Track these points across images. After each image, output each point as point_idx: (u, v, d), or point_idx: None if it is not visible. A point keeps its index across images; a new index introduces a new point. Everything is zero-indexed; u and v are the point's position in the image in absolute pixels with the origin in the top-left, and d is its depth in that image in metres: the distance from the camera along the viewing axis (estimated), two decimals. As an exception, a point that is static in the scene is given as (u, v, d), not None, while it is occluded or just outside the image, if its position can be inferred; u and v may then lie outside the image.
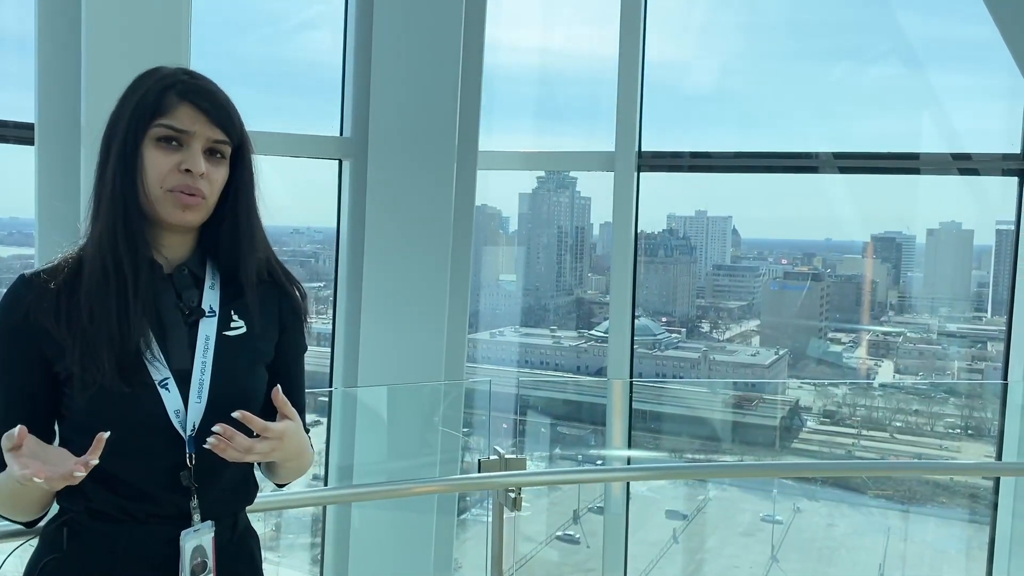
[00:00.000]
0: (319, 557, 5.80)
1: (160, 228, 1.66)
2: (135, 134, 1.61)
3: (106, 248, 1.60)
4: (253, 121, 1.75)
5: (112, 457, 1.51)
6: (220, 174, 1.65)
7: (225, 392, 1.64)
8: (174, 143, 1.61)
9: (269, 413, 1.66)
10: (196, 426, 1.61)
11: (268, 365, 1.76)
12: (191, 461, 1.61)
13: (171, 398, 1.60)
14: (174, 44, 3.97)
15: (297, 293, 1.81)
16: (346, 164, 5.02)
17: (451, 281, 4.97)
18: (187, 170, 1.60)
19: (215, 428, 1.52)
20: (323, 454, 5.20)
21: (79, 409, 1.58)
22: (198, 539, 1.62)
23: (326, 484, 4.89)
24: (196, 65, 4.01)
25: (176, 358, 1.63)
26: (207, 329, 1.67)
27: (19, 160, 4.28)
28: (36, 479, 1.41)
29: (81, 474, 1.44)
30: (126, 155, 1.61)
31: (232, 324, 1.70)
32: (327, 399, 5.07)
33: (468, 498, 5.79)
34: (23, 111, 4.13)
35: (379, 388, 4.99)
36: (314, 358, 5.60)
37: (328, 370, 5.15)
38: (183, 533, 1.61)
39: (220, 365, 1.65)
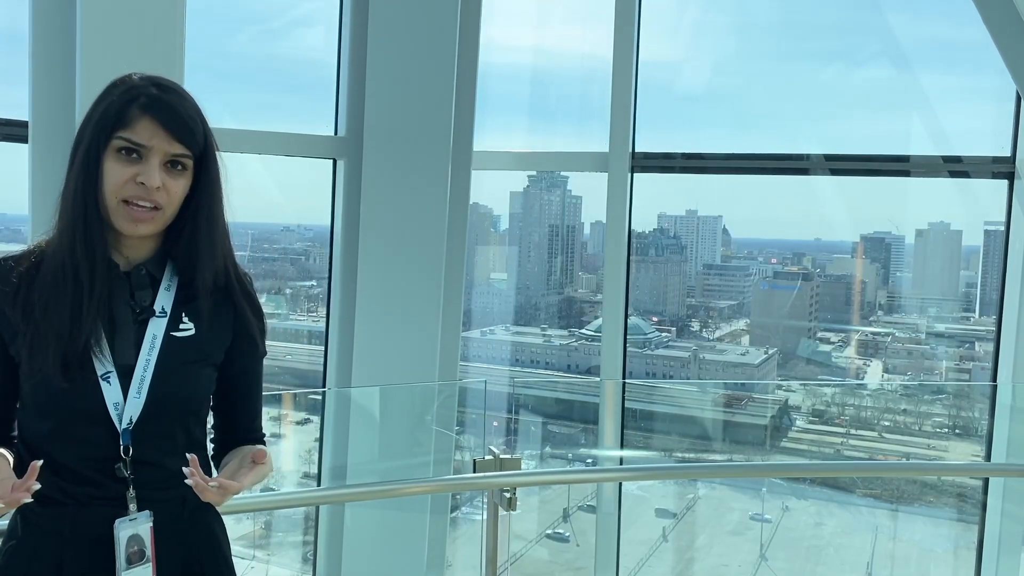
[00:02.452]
0: (309, 555, 5.79)
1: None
2: (96, 144, 1.65)
3: (65, 250, 1.66)
4: (246, 119, 1.76)
5: (53, 444, 1.65)
6: (180, 185, 1.69)
7: (164, 389, 1.70)
8: (134, 155, 1.65)
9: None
10: (133, 420, 1.67)
11: (221, 369, 1.82)
12: (126, 453, 1.66)
13: (111, 391, 1.66)
14: (168, 42, 3.95)
15: (249, 302, 1.85)
16: (340, 164, 5.00)
17: (445, 281, 4.97)
18: (141, 183, 1.64)
19: (185, 471, 1.59)
20: (315, 453, 5.20)
21: (26, 393, 1.67)
22: (133, 528, 1.66)
23: (319, 484, 4.88)
24: (190, 62, 4.02)
25: (121, 354, 1.68)
26: (155, 328, 1.72)
27: (9, 156, 4.27)
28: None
29: (27, 499, 1.51)
30: (88, 163, 1.66)
31: (182, 326, 1.75)
32: (320, 398, 5.07)
33: (459, 496, 5.79)
34: (17, 108, 4.10)
35: (372, 387, 4.99)
36: (307, 356, 5.59)
37: (322, 369, 5.15)
38: (117, 522, 1.65)
39: (164, 364, 1.70)
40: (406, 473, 5.41)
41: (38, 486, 1.51)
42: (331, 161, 5.03)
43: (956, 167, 5.31)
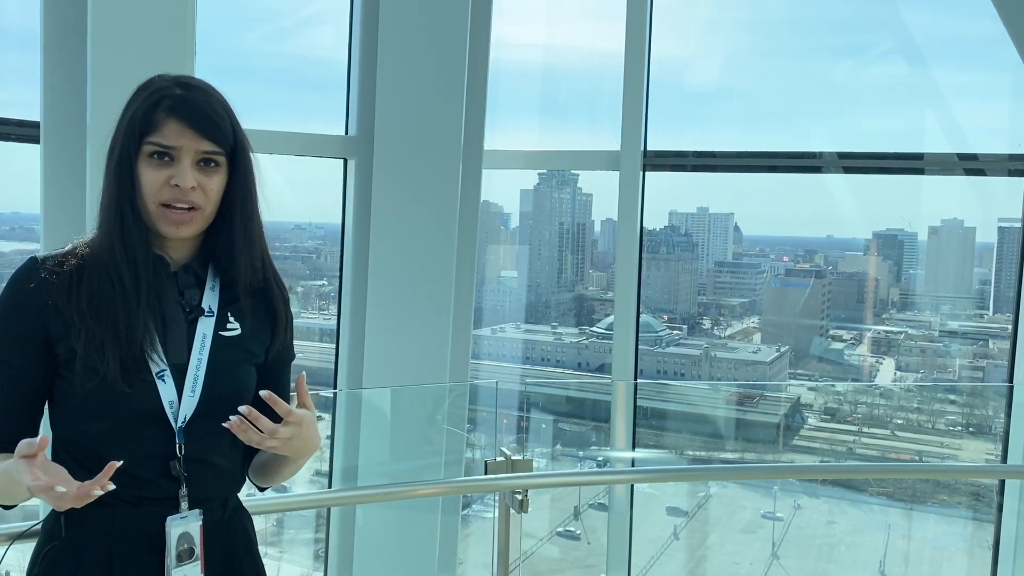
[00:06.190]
0: (321, 552, 5.80)
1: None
2: (128, 152, 1.67)
3: (106, 257, 1.67)
4: (257, 118, 1.77)
5: (105, 444, 1.63)
6: (215, 182, 1.70)
7: (217, 388, 1.71)
8: (165, 158, 1.66)
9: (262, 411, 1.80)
10: (188, 418, 1.68)
11: (258, 367, 1.83)
12: (181, 451, 1.68)
13: (167, 390, 1.67)
14: (179, 41, 3.95)
15: (284, 306, 1.87)
16: (351, 163, 5.00)
17: (456, 279, 4.96)
18: (176, 185, 1.66)
19: (241, 409, 1.60)
20: (327, 451, 5.20)
21: (77, 394, 1.64)
22: (184, 526, 1.68)
23: (330, 486, 4.88)
24: (200, 61, 4.03)
25: (174, 352, 1.69)
26: (205, 328, 1.74)
27: (21, 154, 4.29)
28: (57, 489, 1.46)
29: (98, 493, 1.49)
30: (122, 172, 1.68)
31: (228, 325, 1.77)
32: (332, 396, 5.07)
33: (470, 494, 5.79)
34: (28, 108, 4.11)
35: (383, 388, 4.99)
36: (318, 355, 5.59)
37: (332, 368, 5.15)
38: (169, 519, 1.66)
39: (214, 362, 1.72)
40: (418, 473, 5.40)
41: (112, 486, 1.50)
42: (342, 161, 5.02)
43: (972, 165, 5.25)
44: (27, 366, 1.67)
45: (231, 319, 1.78)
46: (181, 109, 1.66)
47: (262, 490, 1.99)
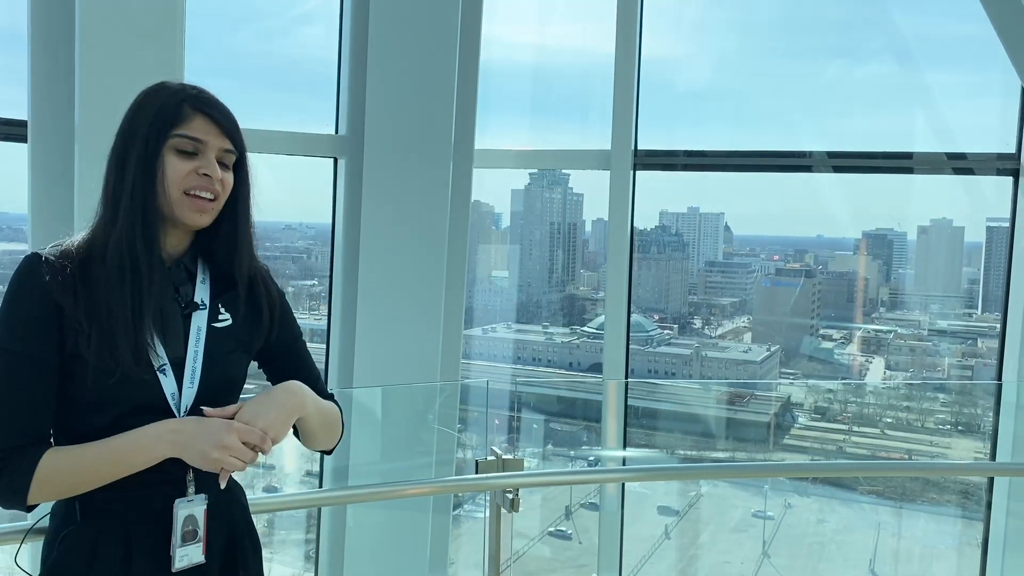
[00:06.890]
0: (311, 553, 5.78)
1: (165, 226, 1.80)
2: (155, 142, 1.75)
3: (125, 247, 1.73)
4: (247, 118, 1.88)
5: (116, 434, 1.70)
6: (229, 180, 1.82)
7: (213, 377, 1.82)
8: (190, 151, 1.77)
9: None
10: (188, 407, 1.78)
11: (267, 351, 1.97)
12: None
13: (168, 382, 1.76)
14: (168, 41, 3.93)
15: (275, 289, 1.99)
16: (341, 162, 4.99)
17: (447, 279, 4.96)
18: (204, 174, 1.76)
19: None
20: (317, 453, 5.18)
21: (87, 389, 1.70)
22: (190, 509, 1.78)
23: (321, 486, 4.87)
24: (190, 61, 4.02)
25: (172, 347, 1.77)
26: (199, 321, 1.83)
27: (9, 154, 4.28)
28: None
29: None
30: (147, 161, 1.75)
31: (220, 316, 1.87)
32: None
33: (461, 494, 5.79)
34: (16, 107, 4.09)
35: (374, 387, 4.99)
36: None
37: (323, 368, 5.13)
38: (177, 502, 1.76)
39: (209, 353, 1.82)
40: (409, 473, 5.40)
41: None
42: (332, 160, 5.01)
43: (960, 164, 5.28)
44: (50, 357, 1.70)
45: (222, 310, 1.87)
46: (208, 106, 1.79)
47: (328, 453, 2.11)
